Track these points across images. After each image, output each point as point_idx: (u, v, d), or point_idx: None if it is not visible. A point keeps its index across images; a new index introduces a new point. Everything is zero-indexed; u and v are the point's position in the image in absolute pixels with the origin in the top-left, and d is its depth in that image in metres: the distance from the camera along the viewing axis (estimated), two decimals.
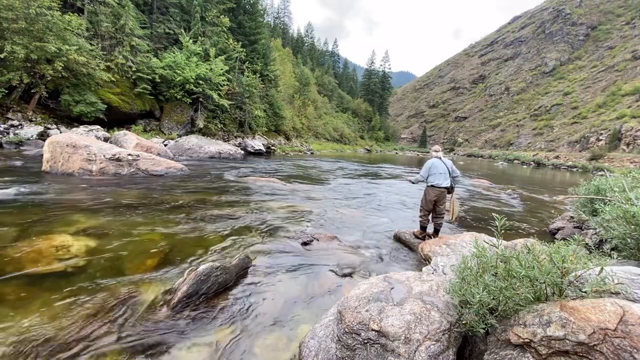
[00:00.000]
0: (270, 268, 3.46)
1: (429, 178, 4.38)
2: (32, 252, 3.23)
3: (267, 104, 31.10)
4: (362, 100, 74.30)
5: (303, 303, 2.83)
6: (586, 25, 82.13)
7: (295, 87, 46.48)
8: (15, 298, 2.44)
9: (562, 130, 57.22)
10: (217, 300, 2.70)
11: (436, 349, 1.68)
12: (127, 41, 17.55)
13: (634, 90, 49.06)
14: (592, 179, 6.00)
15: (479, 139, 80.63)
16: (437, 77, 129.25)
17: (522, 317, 1.63)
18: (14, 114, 13.18)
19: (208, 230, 4.47)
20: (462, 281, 1.96)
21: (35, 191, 5.75)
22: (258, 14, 32.40)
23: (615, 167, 29.12)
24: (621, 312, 1.38)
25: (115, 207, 5.21)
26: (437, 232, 4.55)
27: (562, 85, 71.95)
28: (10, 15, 11.81)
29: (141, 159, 8.76)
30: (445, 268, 3.25)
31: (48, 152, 7.78)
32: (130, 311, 2.42)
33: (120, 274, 2.97)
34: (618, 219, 3.13)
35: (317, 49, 79.32)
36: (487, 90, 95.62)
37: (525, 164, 43.51)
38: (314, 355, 1.95)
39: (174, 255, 3.51)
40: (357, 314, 1.94)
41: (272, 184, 9.14)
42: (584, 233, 4.90)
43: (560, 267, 1.70)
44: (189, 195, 6.66)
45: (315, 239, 4.42)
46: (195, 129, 20.82)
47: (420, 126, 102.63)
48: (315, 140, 43.83)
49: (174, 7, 23.30)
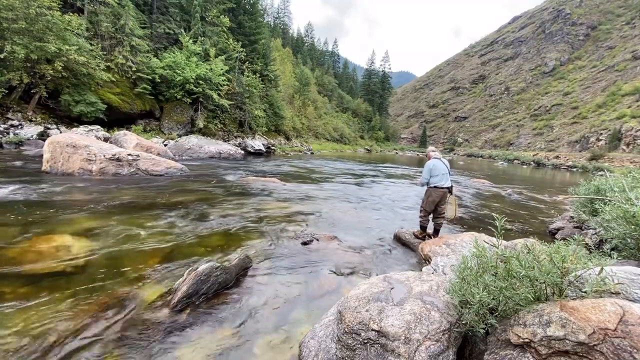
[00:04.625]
0: (270, 268, 3.46)
1: (431, 179, 4.39)
2: (32, 252, 3.23)
3: (267, 104, 31.09)
4: (362, 100, 74.20)
5: (303, 303, 2.83)
6: (586, 25, 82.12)
7: (295, 87, 46.46)
8: (14, 298, 2.44)
9: (562, 130, 57.22)
10: (217, 300, 2.71)
11: (436, 349, 1.68)
12: (127, 41, 17.55)
13: (634, 90, 49.06)
14: (592, 179, 6.00)
15: (479, 139, 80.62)
16: (437, 77, 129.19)
17: (522, 317, 1.63)
18: (14, 114, 13.18)
19: (208, 230, 4.47)
20: (462, 281, 1.96)
21: (35, 191, 5.75)
22: (258, 14, 32.40)
23: (615, 167, 29.09)
24: (621, 312, 1.38)
25: (115, 207, 5.22)
26: (437, 232, 4.56)
27: (562, 85, 71.93)
28: (10, 15, 11.81)
29: (141, 159, 8.76)
30: (445, 268, 3.25)
31: (48, 152, 7.78)
32: (130, 311, 2.42)
33: (120, 274, 2.97)
34: (618, 219, 3.13)
35: (317, 49, 79.31)
36: (487, 90, 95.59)
37: (525, 164, 43.51)
38: (314, 355, 1.95)
39: (174, 255, 3.51)
40: (357, 314, 1.94)
41: (272, 184, 9.14)
42: (584, 233, 4.90)
43: (560, 267, 1.70)
44: (188, 195, 6.66)
45: (315, 239, 4.42)
46: (195, 129, 20.80)
47: (420, 126, 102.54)
48: (315, 140, 43.79)
49: (174, 7, 23.29)
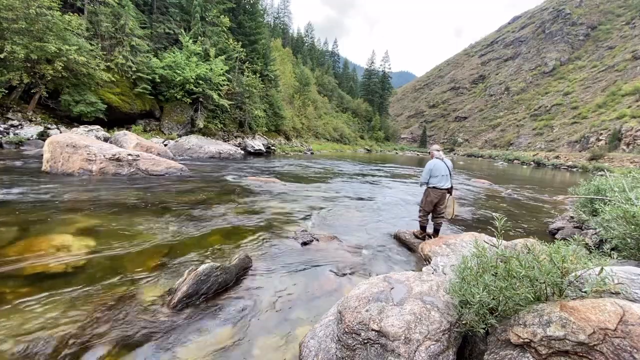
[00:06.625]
0: (270, 268, 3.46)
1: (430, 180, 4.39)
2: (31, 252, 3.23)
3: (267, 104, 31.08)
4: (362, 100, 74.19)
5: (303, 303, 2.83)
6: (586, 25, 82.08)
7: (295, 87, 46.44)
8: (14, 298, 2.44)
9: (562, 130, 57.19)
10: (217, 300, 2.71)
11: (436, 349, 1.68)
12: (127, 41, 17.54)
13: (634, 90, 49.03)
14: (592, 179, 6.00)
15: (479, 139, 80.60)
16: (437, 77, 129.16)
17: (522, 317, 1.63)
18: (14, 114, 13.18)
19: (208, 230, 4.47)
20: (462, 281, 1.96)
21: (35, 191, 5.75)
22: (258, 14, 32.38)
23: (615, 167, 29.09)
24: (621, 312, 1.38)
25: (115, 207, 5.21)
26: (437, 232, 4.56)
27: (562, 85, 71.89)
28: (10, 15, 11.80)
29: (141, 159, 8.75)
30: (445, 268, 3.25)
31: (48, 152, 7.78)
32: (130, 311, 2.41)
33: (120, 274, 2.97)
34: (618, 219, 3.13)
35: (317, 49, 79.32)
36: (487, 90, 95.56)
37: (525, 164, 43.52)
38: (314, 355, 1.95)
39: (174, 255, 3.51)
40: (357, 314, 1.94)
41: (272, 184, 9.14)
42: (584, 233, 4.90)
43: (560, 267, 1.70)
44: (188, 196, 6.66)
45: (315, 239, 4.42)
46: (195, 129, 20.80)
47: (420, 126, 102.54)
48: (315, 140, 43.79)
49: (174, 7, 23.28)
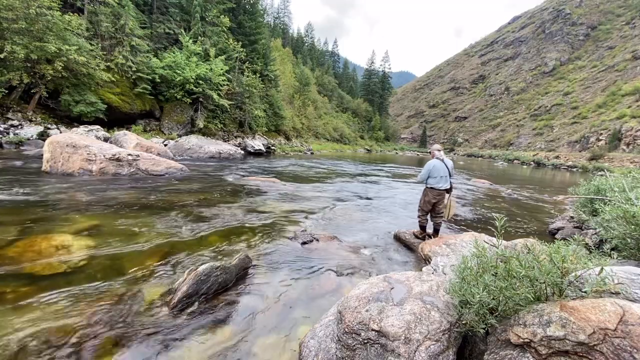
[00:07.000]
0: (270, 268, 3.46)
1: (428, 180, 4.39)
2: (31, 251, 3.23)
3: (267, 104, 31.08)
4: (362, 100, 74.19)
5: (303, 303, 2.83)
6: (586, 25, 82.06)
7: (295, 87, 46.44)
8: (14, 297, 2.44)
9: (562, 130, 57.19)
10: (217, 300, 2.70)
11: (436, 349, 1.68)
12: (127, 41, 17.54)
13: (634, 90, 49.02)
14: (592, 179, 6.00)
15: (479, 139, 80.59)
16: (437, 77, 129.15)
17: (522, 317, 1.63)
18: (14, 114, 13.18)
19: (208, 230, 4.47)
20: (462, 281, 1.96)
21: (35, 191, 5.75)
22: (258, 14, 32.38)
23: (615, 167, 29.08)
24: (621, 312, 1.38)
25: (115, 207, 5.21)
26: (437, 232, 4.56)
27: (562, 85, 71.88)
28: (10, 15, 11.80)
29: (141, 159, 8.75)
30: (445, 268, 3.25)
31: (48, 152, 7.78)
32: (129, 311, 2.41)
33: (120, 274, 2.97)
34: (618, 219, 3.12)
35: (317, 49, 79.30)
36: (487, 90, 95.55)
37: (525, 164, 43.50)
38: (314, 355, 1.95)
39: (174, 255, 3.51)
40: (357, 314, 1.94)
41: (272, 184, 9.15)
42: (584, 233, 4.90)
43: (560, 267, 1.70)
44: (188, 195, 6.66)
45: (315, 239, 4.42)
46: (195, 129, 20.80)
47: (420, 126, 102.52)
48: (315, 140, 43.79)
49: (174, 7, 23.28)
